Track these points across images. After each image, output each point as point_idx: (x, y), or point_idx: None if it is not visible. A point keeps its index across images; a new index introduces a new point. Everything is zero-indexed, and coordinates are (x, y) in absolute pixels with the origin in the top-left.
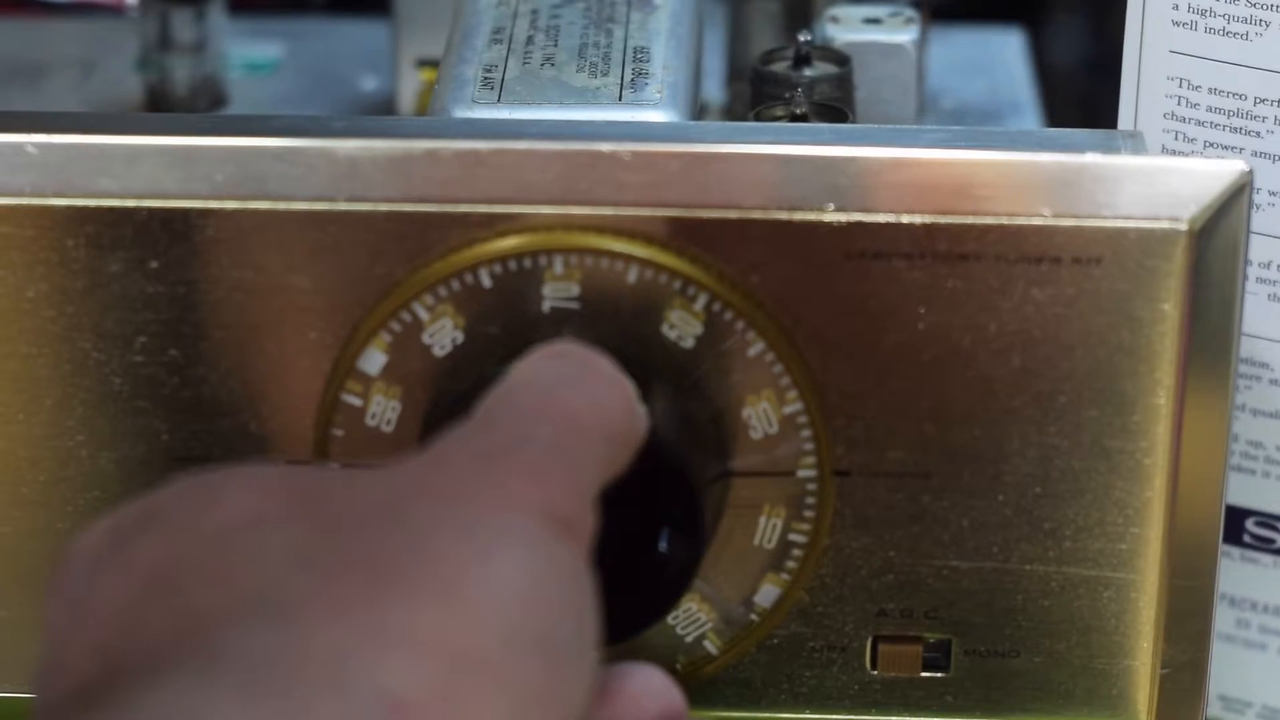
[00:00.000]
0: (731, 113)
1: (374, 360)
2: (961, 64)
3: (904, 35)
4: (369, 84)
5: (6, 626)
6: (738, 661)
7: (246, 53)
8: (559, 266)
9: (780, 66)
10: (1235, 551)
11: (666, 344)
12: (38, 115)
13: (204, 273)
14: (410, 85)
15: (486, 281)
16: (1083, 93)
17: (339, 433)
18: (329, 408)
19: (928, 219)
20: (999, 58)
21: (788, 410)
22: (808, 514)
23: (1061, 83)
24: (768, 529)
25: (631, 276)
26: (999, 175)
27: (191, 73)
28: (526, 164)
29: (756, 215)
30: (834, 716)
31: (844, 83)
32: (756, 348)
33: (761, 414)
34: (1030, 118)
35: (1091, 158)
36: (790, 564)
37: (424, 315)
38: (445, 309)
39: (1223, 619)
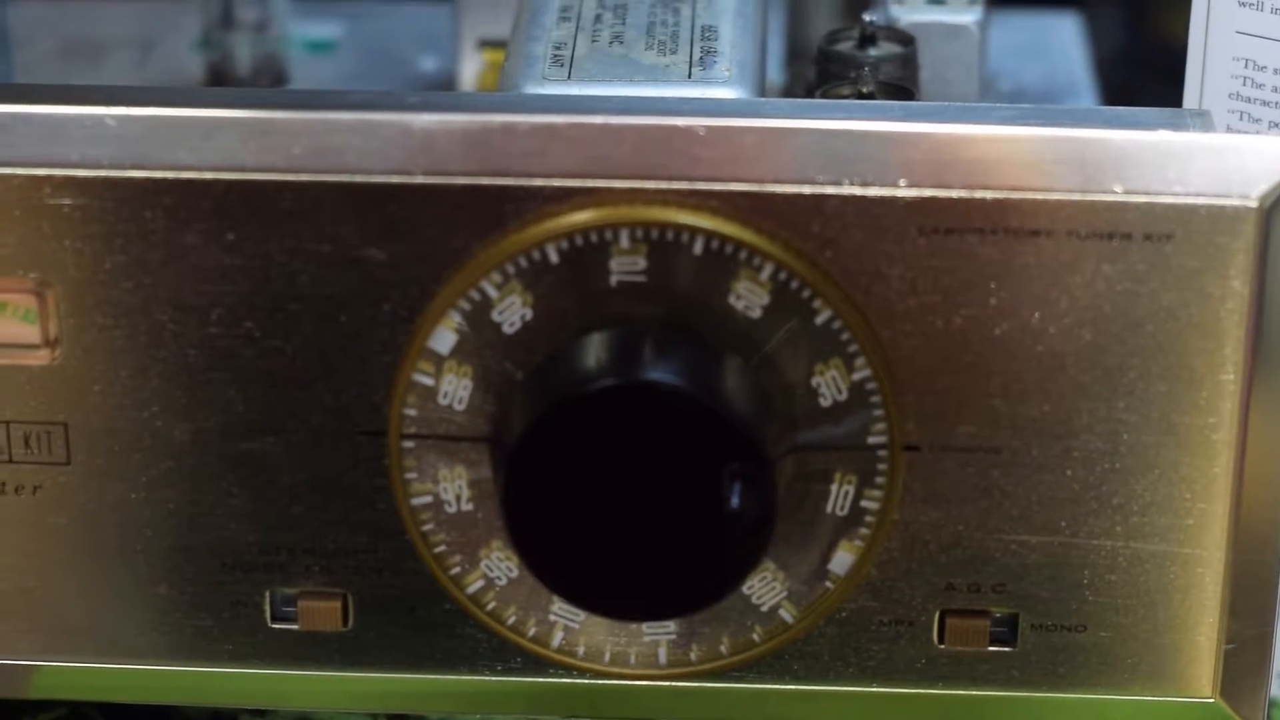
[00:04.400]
0: (791, 94)
1: (444, 340)
2: (1018, 48)
3: (968, 16)
4: (428, 64)
5: (83, 597)
6: (806, 635)
7: (306, 32)
8: (625, 240)
9: (846, 46)
10: None
11: (734, 314)
12: (116, 89)
13: (280, 245)
14: (472, 66)
15: (554, 257)
16: (1118, 85)
17: (412, 412)
18: (402, 388)
19: (1000, 195)
20: (1055, 42)
21: (856, 377)
22: (879, 480)
23: (1098, 73)
24: (840, 496)
25: (697, 248)
26: (1071, 152)
27: (253, 51)
28: (602, 138)
29: (830, 190)
30: (901, 690)
31: (909, 62)
32: (824, 315)
33: (830, 382)
34: (1088, 100)
35: (1163, 135)
36: (864, 530)
37: (493, 293)
38: (514, 286)
39: None
